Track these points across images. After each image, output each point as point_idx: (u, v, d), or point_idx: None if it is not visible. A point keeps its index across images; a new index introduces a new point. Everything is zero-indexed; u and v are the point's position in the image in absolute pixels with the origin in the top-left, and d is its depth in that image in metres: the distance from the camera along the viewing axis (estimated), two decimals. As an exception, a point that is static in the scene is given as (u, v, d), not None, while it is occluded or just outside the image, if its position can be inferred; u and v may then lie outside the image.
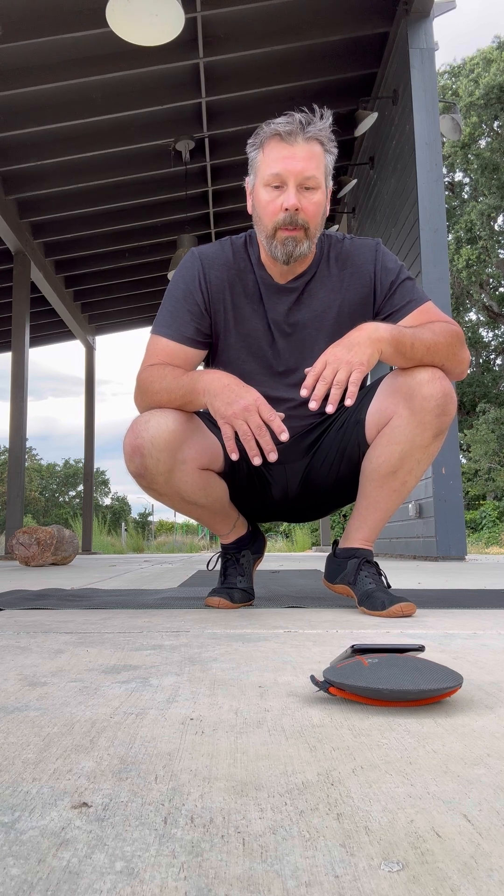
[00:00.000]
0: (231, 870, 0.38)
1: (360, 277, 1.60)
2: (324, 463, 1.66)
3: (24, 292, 7.38)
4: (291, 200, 1.44)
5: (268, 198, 1.47)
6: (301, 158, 1.44)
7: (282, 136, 1.44)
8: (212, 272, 1.58)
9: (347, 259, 1.61)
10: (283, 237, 1.48)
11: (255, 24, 5.59)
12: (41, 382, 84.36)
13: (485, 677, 0.86)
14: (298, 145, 1.44)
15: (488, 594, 2.03)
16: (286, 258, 1.50)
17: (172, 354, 1.55)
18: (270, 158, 1.46)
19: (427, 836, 0.43)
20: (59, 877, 0.38)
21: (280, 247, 1.49)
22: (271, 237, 1.49)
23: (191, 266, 1.59)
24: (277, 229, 1.47)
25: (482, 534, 16.53)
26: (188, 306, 1.57)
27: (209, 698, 0.76)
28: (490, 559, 6.30)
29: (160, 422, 1.45)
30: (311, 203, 1.47)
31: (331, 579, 1.73)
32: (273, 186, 1.46)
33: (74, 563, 5.25)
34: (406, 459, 1.52)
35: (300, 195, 1.45)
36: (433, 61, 5.69)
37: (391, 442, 1.52)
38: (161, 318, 1.59)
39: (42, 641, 1.16)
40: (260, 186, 1.49)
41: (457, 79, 21.48)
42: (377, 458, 1.54)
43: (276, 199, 1.46)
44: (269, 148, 1.46)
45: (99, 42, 5.29)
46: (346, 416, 1.63)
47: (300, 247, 1.49)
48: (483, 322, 23.63)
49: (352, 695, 0.72)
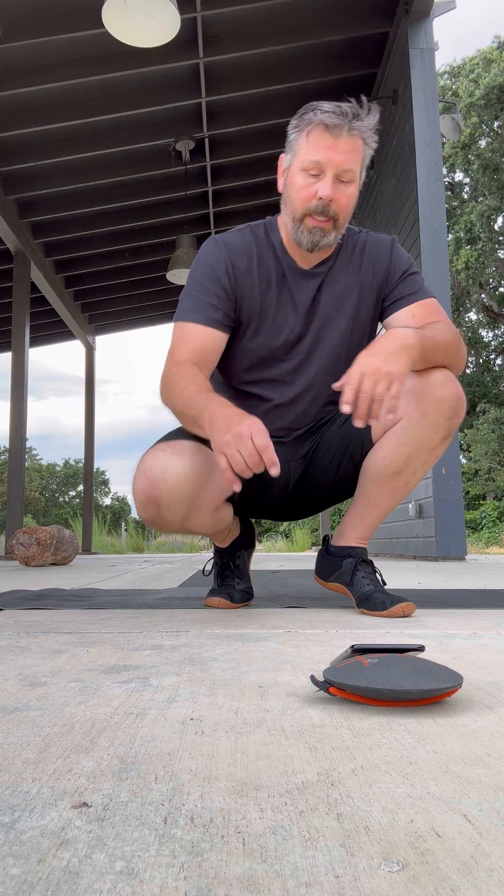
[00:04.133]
0: (231, 870, 0.38)
1: (376, 266, 1.62)
2: (324, 460, 1.65)
3: (24, 292, 7.37)
4: (327, 191, 1.44)
5: (303, 182, 1.46)
6: (343, 151, 1.43)
7: (328, 128, 1.43)
8: (237, 258, 1.56)
9: (364, 249, 1.63)
10: (311, 226, 1.47)
11: (255, 24, 5.58)
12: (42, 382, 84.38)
13: (485, 677, 0.86)
14: (342, 138, 1.43)
15: (488, 594, 2.03)
16: (311, 246, 1.50)
17: (202, 340, 1.51)
18: (313, 145, 1.44)
19: (427, 836, 0.43)
20: (59, 877, 0.38)
21: (307, 234, 1.48)
22: (299, 221, 1.49)
23: (216, 252, 1.56)
24: (307, 216, 1.47)
25: (482, 534, 16.53)
26: (215, 290, 1.53)
27: (209, 698, 0.76)
28: (490, 559, 6.30)
29: (178, 471, 1.38)
30: (344, 195, 1.47)
31: (324, 577, 1.71)
32: (311, 173, 1.45)
33: (74, 563, 5.24)
34: (412, 461, 1.52)
35: (335, 186, 1.45)
36: (433, 61, 5.69)
37: (399, 443, 1.51)
38: (186, 304, 1.55)
39: (42, 641, 1.16)
40: (296, 169, 1.48)
41: (457, 79, 21.47)
42: (383, 458, 1.54)
43: (311, 186, 1.45)
44: (314, 135, 1.45)
45: (99, 42, 5.29)
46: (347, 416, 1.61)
47: (326, 238, 1.49)
48: (483, 322, 23.63)
49: (352, 695, 0.72)
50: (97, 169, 6.90)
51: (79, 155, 6.54)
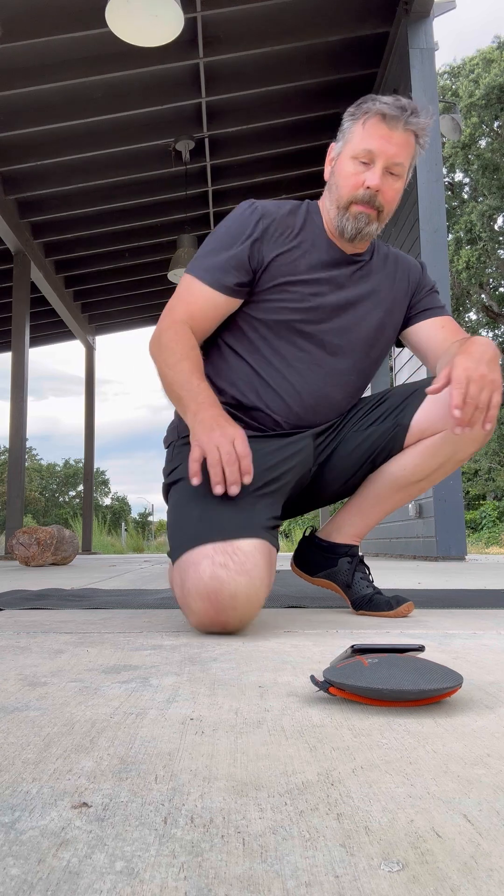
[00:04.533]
0: (231, 870, 0.38)
1: (410, 276, 1.64)
2: (342, 462, 1.58)
3: (24, 292, 7.37)
4: (375, 180, 1.43)
5: (352, 170, 1.45)
6: (396, 143, 1.43)
7: (384, 118, 1.42)
8: (270, 226, 1.50)
9: (398, 259, 1.65)
10: (357, 211, 1.46)
11: (255, 24, 5.58)
12: (42, 382, 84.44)
13: (485, 677, 0.86)
14: (398, 131, 1.43)
15: (488, 594, 2.03)
16: (355, 233, 1.48)
17: (204, 304, 1.47)
18: (367, 134, 1.44)
19: (427, 836, 0.43)
20: (59, 877, 0.38)
21: (352, 221, 1.47)
22: (344, 209, 1.47)
23: (247, 217, 1.50)
24: (353, 203, 1.46)
25: (482, 534, 16.52)
26: (235, 255, 1.47)
27: (209, 698, 0.76)
28: (490, 559, 6.30)
29: (250, 596, 1.17)
30: (391, 189, 1.46)
31: (311, 572, 1.66)
32: (361, 161, 1.44)
33: (74, 563, 5.24)
34: (439, 470, 1.53)
35: (384, 178, 1.44)
36: (433, 61, 5.69)
37: (435, 454, 1.50)
38: (202, 260, 1.49)
39: (42, 641, 1.16)
40: (347, 157, 1.47)
41: (457, 79, 21.47)
42: (414, 465, 1.52)
43: (360, 174, 1.44)
44: (370, 124, 1.44)
45: (99, 42, 5.29)
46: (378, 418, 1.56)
47: (370, 226, 1.47)
48: (483, 322, 23.62)
49: (352, 695, 0.72)
50: (97, 169, 6.89)
51: (79, 155, 6.54)
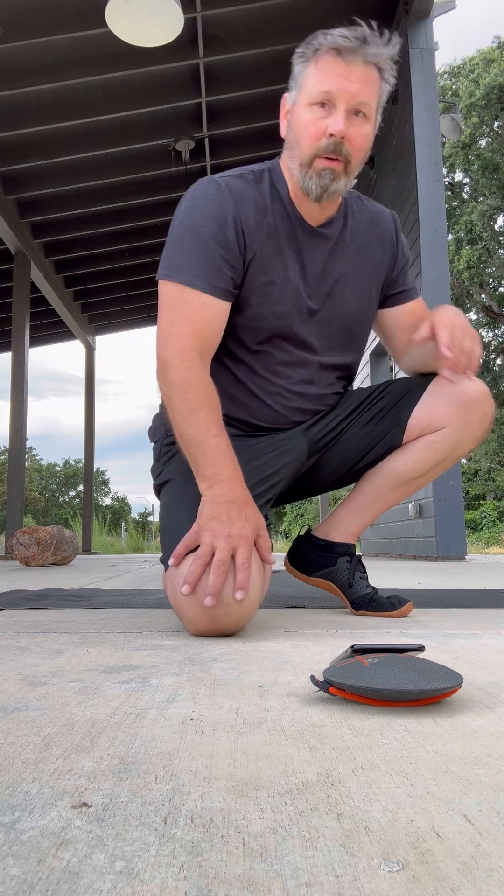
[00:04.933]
0: (231, 870, 0.38)
1: (384, 244, 1.52)
2: (339, 458, 1.55)
3: (24, 292, 7.38)
4: (339, 125, 1.23)
5: (311, 118, 1.26)
6: (357, 80, 1.23)
7: (340, 52, 1.23)
8: (244, 210, 1.32)
9: (372, 220, 1.50)
10: (321, 167, 1.27)
11: (255, 24, 5.59)
12: (42, 382, 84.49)
13: (485, 677, 0.86)
14: (356, 66, 1.24)
15: (488, 594, 2.03)
16: (320, 192, 1.30)
17: (208, 316, 1.28)
18: (322, 74, 1.24)
19: (427, 836, 0.43)
20: (59, 877, 0.38)
21: (316, 178, 1.28)
22: (307, 166, 1.29)
23: (221, 201, 1.30)
24: (316, 157, 1.27)
25: (482, 534, 16.53)
26: (224, 252, 1.29)
27: (209, 698, 0.76)
28: (490, 559, 6.30)
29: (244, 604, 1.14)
30: (359, 133, 1.27)
31: (307, 571, 1.61)
32: (319, 105, 1.25)
33: (74, 563, 5.24)
34: (438, 466, 1.52)
35: (348, 122, 1.25)
36: (433, 61, 5.69)
37: (436, 450, 1.48)
38: (185, 261, 1.28)
39: (42, 641, 1.16)
40: (303, 105, 1.27)
41: (457, 79, 21.48)
42: (414, 461, 1.50)
43: (320, 121, 1.25)
44: (324, 62, 1.24)
45: (99, 42, 5.29)
46: (375, 415, 1.52)
47: (337, 182, 1.29)
48: (483, 322, 23.63)
49: (352, 695, 0.72)
50: (97, 169, 6.90)
51: (79, 155, 6.54)
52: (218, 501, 1.17)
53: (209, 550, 1.13)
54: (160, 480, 1.46)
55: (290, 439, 1.48)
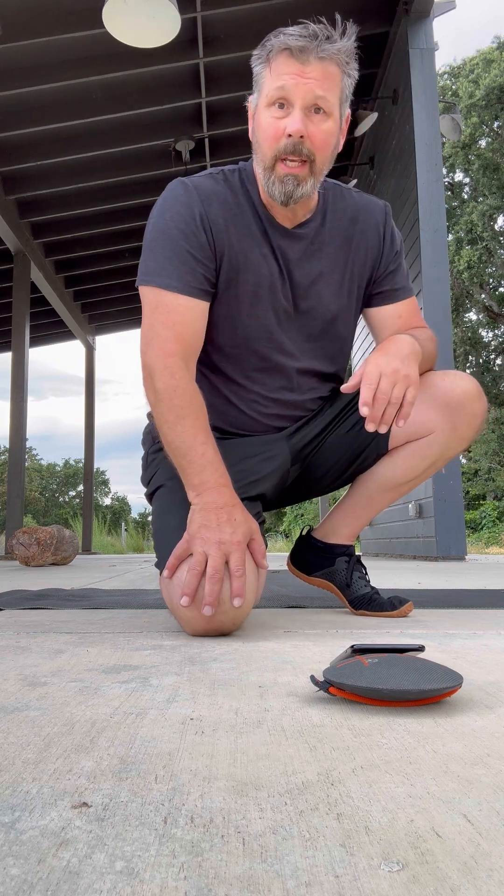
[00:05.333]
0: (231, 870, 0.38)
1: (368, 239, 1.45)
2: (324, 467, 1.55)
3: (24, 292, 7.38)
4: (296, 125, 1.20)
5: (270, 119, 1.23)
6: (313, 77, 1.21)
7: (292, 52, 1.21)
8: (212, 209, 1.30)
9: (356, 215, 1.44)
10: (283, 174, 1.24)
11: (255, 24, 5.58)
12: (42, 382, 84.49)
13: (485, 677, 0.86)
14: (311, 64, 1.21)
15: (488, 594, 2.03)
16: (285, 199, 1.27)
17: (189, 319, 1.27)
18: (276, 74, 1.23)
19: (427, 836, 0.43)
20: (59, 877, 0.38)
21: (278, 185, 1.25)
22: (270, 169, 1.26)
23: (188, 201, 1.29)
24: (277, 160, 1.24)
25: (482, 534, 16.54)
26: (194, 251, 1.27)
27: (209, 698, 0.76)
28: (490, 559, 6.30)
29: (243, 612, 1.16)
30: (319, 130, 1.23)
31: (308, 571, 1.61)
32: (277, 106, 1.23)
33: (74, 563, 5.24)
34: (429, 470, 1.51)
35: (307, 120, 1.22)
36: (433, 61, 5.69)
37: (423, 456, 1.47)
38: (159, 265, 1.27)
39: (42, 641, 1.16)
40: (262, 107, 1.26)
41: (456, 79, 21.49)
42: (404, 468, 1.49)
43: (279, 122, 1.23)
44: (277, 62, 1.23)
45: (99, 42, 5.29)
46: (357, 422, 1.49)
47: (302, 186, 1.26)
48: (483, 322, 23.63)
49: (352, 695, 0.72)
50: (97, 169, 6.90)
51: (79, 155, 6.54)
52: (207, 509, 1.17)
53: (202, 559, 1.13)
54: (151, 488, 1.45)
55: (273, 447, 1.47)
